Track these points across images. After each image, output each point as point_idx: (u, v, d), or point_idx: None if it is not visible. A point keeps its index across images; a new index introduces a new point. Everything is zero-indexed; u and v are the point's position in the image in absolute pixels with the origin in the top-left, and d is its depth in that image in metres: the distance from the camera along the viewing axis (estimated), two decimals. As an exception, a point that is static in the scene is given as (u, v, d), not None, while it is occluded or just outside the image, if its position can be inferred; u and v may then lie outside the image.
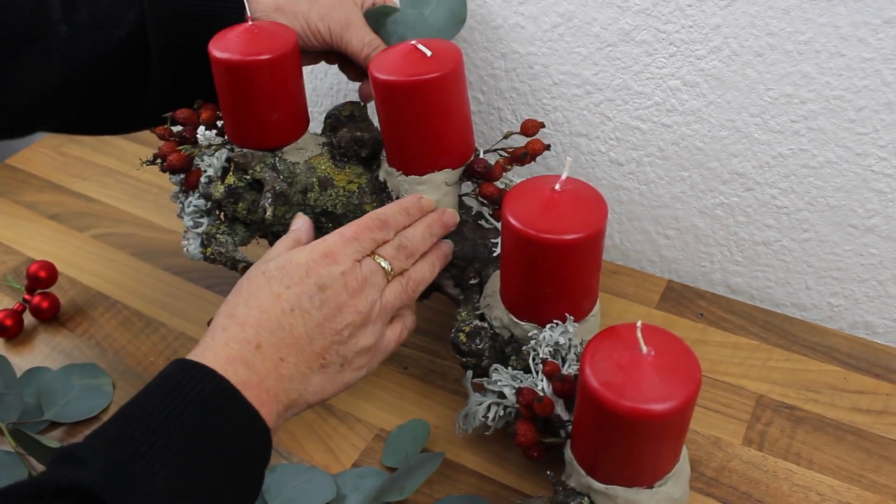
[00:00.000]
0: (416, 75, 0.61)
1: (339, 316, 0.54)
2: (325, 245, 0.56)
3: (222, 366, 0.50)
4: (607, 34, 0.72)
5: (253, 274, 0.56)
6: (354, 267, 0.56)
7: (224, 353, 0.51)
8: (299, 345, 0.53)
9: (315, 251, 0.56)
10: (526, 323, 0.60)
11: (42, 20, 0.65)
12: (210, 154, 0.69)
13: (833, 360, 0.73)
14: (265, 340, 0.52)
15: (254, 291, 0.54)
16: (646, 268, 0.86)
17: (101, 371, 0.75)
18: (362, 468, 0.67)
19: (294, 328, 0.53)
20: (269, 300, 0.54)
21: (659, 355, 0.49)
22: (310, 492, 0.64)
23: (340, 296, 0.55)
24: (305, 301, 0.54)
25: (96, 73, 0.68)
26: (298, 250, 0.56)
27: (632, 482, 0.52)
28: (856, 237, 0.72)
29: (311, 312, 0.54)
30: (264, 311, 0.53)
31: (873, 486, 0.63)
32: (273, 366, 0.52)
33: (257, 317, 0.53)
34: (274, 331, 0.53)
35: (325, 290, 0.54)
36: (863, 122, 0.66)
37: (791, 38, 0.65)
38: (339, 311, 0.54)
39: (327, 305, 0.54)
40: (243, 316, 0.53)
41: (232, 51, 0.64)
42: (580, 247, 0.55)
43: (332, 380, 0.55)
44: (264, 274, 0.55)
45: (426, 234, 0.62)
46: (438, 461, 0.63)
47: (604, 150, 0.79)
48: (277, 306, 0.53)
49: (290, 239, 0.61)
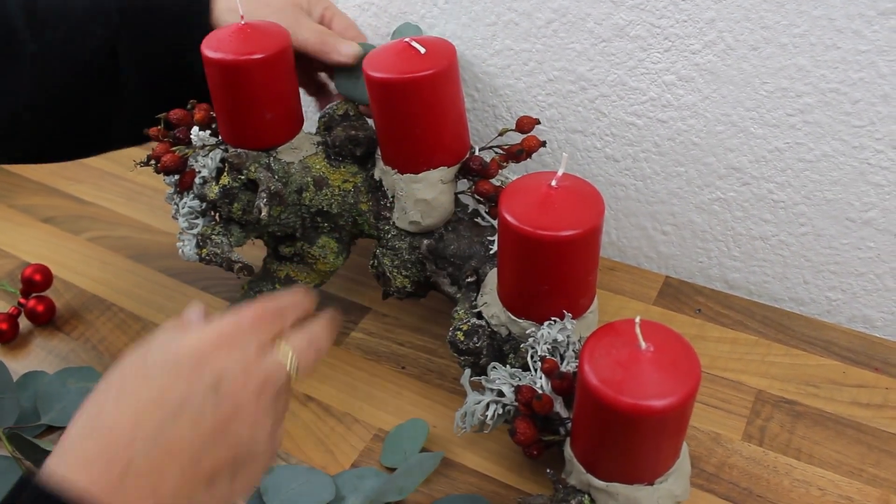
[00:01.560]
0: (409, 73, 0.60)
1: (239, 419, 0.42)
2: (220, 327, 0.45)
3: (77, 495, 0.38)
4: (601, 30, 0.72)
5: (129, 362, 0.43)
6: (258, 358, 0.45)
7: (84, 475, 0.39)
8: (184, 460, 0.40)
9: (209, 333, 0.44)
10: (524, 320, 0.60)
11: (8, 42, 0.64)
12: (204, 155, 0.68)
13: (832, 355, 0.73)
14: (138, 458, 0.39)
15: (129, 385, 0.42)
16: (643, 264, 0.85)
17: (98, 374, 0.74)
18: (361, 468, 0.66)
19: (179, 439, 0.40)
20: (147, 399, 0.41)
21: (658, 351, 0.49)
22: (308, 493, 0.64)
23: (240, 395, 0.42)
24: (197, 401, 0.41)
25: (67, 91, 0.66)
26: (186, 333, 0.45)
27: (632, 479, 0.52)
28: (853, 231, 0.72)
29: (203, 417, 0.41)
30: (140, 414, 0.40)
31: (874, 479, 0.63)
32: (148, 489, 0.39)
33: (130, 423, 0.40)
34: (152, 443, 0.40)
35: (223, 386, 0.42)
36: (859, 115, 0.66)
37: (786, 31, 0.64)
38: (236, 412, 0.42)
39: (224, 407, 0.42)
40: (112, 421, 0.40)
41: (225, 50, 0.64)
42: (577, 243, 0.54)
43: (222, 497, 0.43)
44: (143, 363, 0.43)
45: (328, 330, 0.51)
46: (437, 460, 0.63)
47: (599, 146, 0.79)
48: (159, 408, 0.41)
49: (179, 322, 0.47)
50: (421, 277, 0.70)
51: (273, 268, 0.75)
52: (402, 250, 0.69)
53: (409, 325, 0.78)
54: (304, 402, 0.71)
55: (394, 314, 0.79)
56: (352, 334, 0.78)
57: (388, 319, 0.79)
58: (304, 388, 0.72)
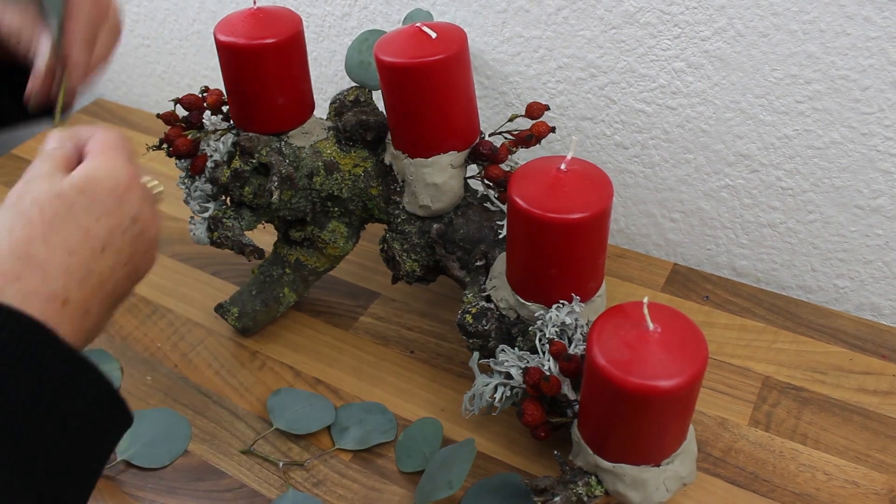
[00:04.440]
0: (420, 57, 0.61)
1: (145, 251, 0.46)
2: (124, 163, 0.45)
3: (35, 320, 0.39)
4: (611, 16, 0.72)
5: (43, 197, 0.43)
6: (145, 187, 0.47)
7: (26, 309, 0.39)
8: (106, 292, 0.43)
9: (119, 170, 0.45)
10: (532, 304, 0.60)
11: None
12: (216, 139, 0.69)
13: (839, 342, 0.73)
14: (73, 294, 0.41)
15: (53, 223, 0.42)
16: (651, 251, 0.86)
17: (109, 356, 0.75)
18: (369, 402, 0.69)
19: (103, 273, 0.43)
20: (76, 237, 0.42)
21: (666, 332, 0.49)
22: (311, 415, 0.68)
23: (149, 228, 0.46)
24: (118, 236, 0.44)
25: None
26: (96, 168, 0.44)
27: (639, 460, 0.53)
28: (861, 218, 0.72)
29: (122, 251, 0.44)
30: (72, 254, 0.41)
31: (880, 465, 0.63)
32: (78, 322, 0.41)
33: (63, 261, 0.41)
34: (83, 279, 0.42)
35: (137, 222, 0.45)
36: (868, 102, 0.66)
37: (796, 17, 0.65)
38: (147, 245, 0.46)
39: (139, 240, 0.45)
40: (44, 258, 0.41)
41: (237, 35, 0.64)
42: (586, 226, 0.55)
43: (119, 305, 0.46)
44: (61, 198, 0.42)
45: None
46: (471, 446, 0.61)
47: (609, 133, 0.79)
48: (87, 246, 0.42)
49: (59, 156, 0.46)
50: (430, 262, 0.70)
51: (283, 252, 0.75)
52: (412, 234, 0.69)
53: (418, 310, 0.79)
54: (314, 384, 0.72)
55: (403, 299, 0.80)
56: (361, 319, 0.78)
57: (397, 304, 0.80)
58: (313, 372, 0.73)
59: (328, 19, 0.90)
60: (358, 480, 0.64)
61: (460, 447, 0.62)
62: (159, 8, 1.05)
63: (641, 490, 0.53)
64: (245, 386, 0.72)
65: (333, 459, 0.66)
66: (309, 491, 0.63)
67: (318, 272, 0.76)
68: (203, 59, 1.05)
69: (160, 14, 1.05)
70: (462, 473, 0.59)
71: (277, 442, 0.67)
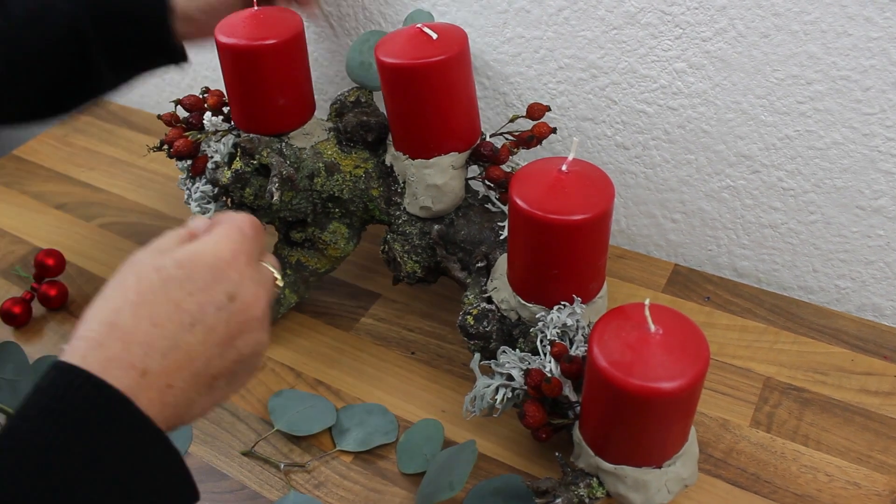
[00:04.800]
0: (421, 58, 0.61)
1: (246, 332, 0.45)
2: (231, 242, 0.45)
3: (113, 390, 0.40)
4: (612, 17, 0.72)
5: (144, 269, 0.44)
6: (259, 268, 0.46)
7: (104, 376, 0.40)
8: (193, 369, 0.42)
9: (222, 248, 0.45)
10: (533, 305, 0.60)
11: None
12: (217, 140, 0.69)
13: (840, 343, 0.73)
14: (154, 365, 0.41)
15: (145, 295, 0.42)
16: (652, 252, 0.86)
17: (110, 358, 0.75)
18: (370, 404, 0.69)
19: (192, 349, 0.42)
20: (164, 310, 0.42)
21: (667, 334, 0.49)
22: (312, 417, 0.68)
23: (250, 308, 0.44)
24: (211, 314, 0.43)
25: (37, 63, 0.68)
26: (201, 244, 0.45)
27: (641, 462, 0.52)
28: (863, 219, 0.72)
29: (215, 329, 0.43)
30: (157, 326, 0.41)
31: (882, 466, 0.63)
32: (158, 395, 0.41)
33: (147, 332, 0.41)
34: (166, 352, 0.41)
35: (235, 301, 0.44)
36: (869, 103, 0.66)
37: (797, 18, 0.64)
38: (245, 326, 0.44)
39: (235, 319, 0.44)
40: (129, 328, 0.41)
41: (238, 36, 0.64)
42: (587, 227, 0.55)
43: (215, 398, 0.45)
44: (159, 272, 0.43)
45: None
46: (473, 448, 0.61)
47: (610, 133, 0.79)
48: (175, 319, 0.42)
49: (184, 231, 0.48)
50: (431, 263, 0.70)
51: (284, 253, 0.75)
52: (413, 236, 0.69)
53: (419, 311, 0.79)
54: (315, 385, 0.72)
55: (403, 300, 0.80)
56: (362, 320, 0.78)
57: (398, 305, 0.79)
58: (314, 373, 0.73)
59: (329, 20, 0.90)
60: (359, 482, 0.64)
61: (461, 449, 0.62)
62: (160, 9, 1.04)
63: (643, 492, 0.53)
64: (246, 387, 0.72)
65: (334, 461, 0.66)
66: (310, 492, 0.63)
67: (319, 273, 0.76)
68: (204, 59, 1.04)
69: (161, 15, 1.05)
70: (463, 475, 0.59)
71: (278, 443, 0.67)
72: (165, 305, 0.42)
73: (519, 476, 0.62)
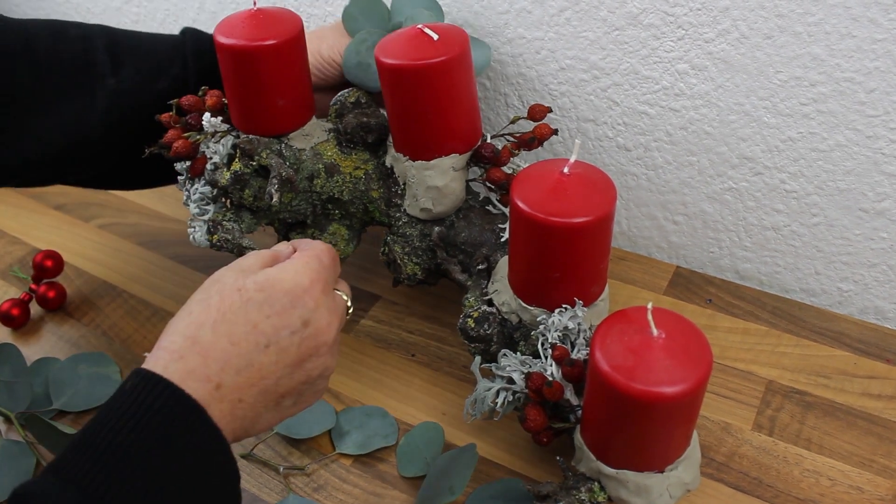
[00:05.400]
0: (422, 59, 0.60)
1: (315, 356, 0.49)
2: (310, 271, 0.49)
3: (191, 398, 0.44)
4: (614, 18, 0.72)
5: (226, 288, 0.48)
6: (332, 297, 0.50)
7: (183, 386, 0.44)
8: (264, 386, 0.47)
9: (302, 276, 0.49)
10: (534, 308, 0.60)
11: (89, 74, 0.68)
12: (216, 141, 0.68)
13: (843, 346, 0.73)
14: (228, 380, 0.45)
15: (225, 314, 0.46)
16: (654, 254, 0.85)
17: (109, 360, 0.74)
18: (370, 406, 0.69)
19: (264, 368, 0.46)
20: (242, 329, 0.46)
21: (670, 338, 0.49)
22: (311, 420, 0.67)
23: (321, 334, 0.49)
24: (285, 337, 0.47)
25: (136, 124, 0.69)
26: (282, 269, 0.49)
27: (643, 466, 0.52)
28: (866, 221, 0.71)
29: (288, 351, 0.47)
30: (235, 344, 0.46)
31: (885, 470, 0.63)
32: (229, 408, 0.45)
33: (225, 349, 0.45)
34: (241, 370, 0.45)
35: (309, 326, 0.48)
36: (873, 105, 0.65)
37: (801, 19, 0.64)
38: (315, 350, 0.49)
39: (307, 344, 0.48)
40: (208, 344, 0.45)
41: (237, 36, 0.63)
42: (589, 230, 0.54)
43: (280, 415, 0.50)
44: (240, 293, 0.47)
45: None
46: (473, 451, 0.61)
47: (611, 135, 0.79)
48: (251, 339, 0.46)
49: (268, 254, 0.52)
50: (432, 265, 0.70)
51: (283, 255, 0.75)
52: (413, 237, 0.69)
53: (419, 314, 0.78)
54: (314, 388, 0.71)
55: (404, 302, 0.79)
56: (362, 322, 0.78)
57: (398, 307, 0.79)
58: (313, 375, 0.72)
59: (329, 20, 0.90)
60: (359, 485, 0.64)
61: (462, 452, 0.62)
62: (159, 9, 1.04)
63: (645, 497, 0.53)
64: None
65: (334, 464, 0.65)
66: (309, 496, 0.63)
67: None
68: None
69: (160, 15, 1.05)
70: (464, 479, 0.59)
71: (277, 446, 0.67)
72: (244, 325, 0.46)
73: (520, 480, 0.62)
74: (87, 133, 0.68)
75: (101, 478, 0.40)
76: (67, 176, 0.73)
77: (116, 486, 0.40)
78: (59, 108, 0.67)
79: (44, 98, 0.66)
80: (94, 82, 0.68)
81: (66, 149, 0.68)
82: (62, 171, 0.71)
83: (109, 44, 0.69)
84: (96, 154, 0.70)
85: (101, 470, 0.40)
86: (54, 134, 0.67)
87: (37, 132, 0.66)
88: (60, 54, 0.67)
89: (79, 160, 0.70)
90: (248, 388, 0.46)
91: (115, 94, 0.68)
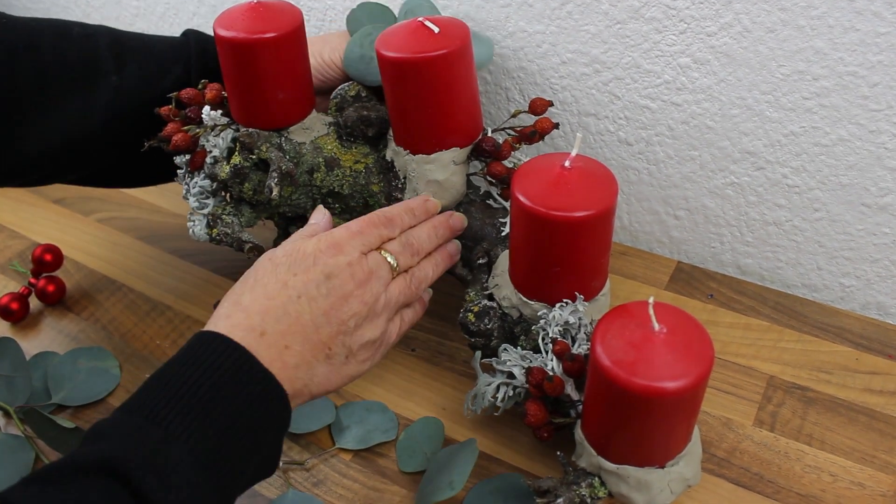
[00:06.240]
0: (423, 52, 0.60)
1: (346, 305, 0.54)
2: (331, 237, 0.56)
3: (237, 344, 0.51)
4: (616, 11, 0.71)
5: (261, 262, 0.56)
6: (361, 259, 0.56)
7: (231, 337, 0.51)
8: (305, 333, 0.53)
9: (322, 241, 0.56)
10: (535, 302, 0.59)
11: (93, 73, 0.68)
12: (215, 134, 0.68)
13: (845, 341, 0.72)
14: (270, 328, 0.52)
15: (260, 278, 0.54)
16: (655, 249, 0.85)
17: (108, 354, 0.74)
18: (369, 401, 0.69)
19: (300, 315, 0.53)
20: (275, 287, 0.53)
21: (671, 333, 0.48)
22: (311, 414, 0.68)
23: (347, 285, 0.55)
24: (312, 288, 0.54)
25: (138, 123, 0.70)
26: (305, 240, 0.57)
27: (643, 462, 0.52)
28: (868, 216, 0.71)
29: (317, 300, 0.53)
30: (270, 299, 0.53)
31: (886, 466, 0.62)
32: (277, 353, 0.51)
33: (263, 304, 0.53)
34: (279, 318, 0.52)
35: (332, 279, 0.54)
36: (876, 99, 0.65)
37: (804, 13, 0.64)
38: (345, 300, 0.54)
39: (334, 294, 0.54)
40: (248, 302, 0.53)
41: (237, 29, 0.63)
42: (590, 224, 0.54)
43: (336, 371, 0.55)
44: (271, 261, 0.55)
45: (432, 235, 0.62)
46: (473, 446, 0.61)
47: (612, 129, 0.79)
48: (284, 293, 0.53)
49: (306, 231, 0.60)
50: (432, 259, 0.69)
51: (283, 249, 0.74)
52: (414, 232, 0.69)
53: (420, 308, 0.78)
54: (314, 383, 0.71)
55: (404, 297, 0.79)
56: (362, 317, 0.77)
57: (399, 302, 0.79)
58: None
59: (329, 13, 0.89)
60: (358, 480, 0.64)
61: (462, 447, 0.61)
62: (159, 2, 1.04)
63: (645, 492, 0.52)
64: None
65: (334, 459, 0.65)
66: (309, 491, 0.63)
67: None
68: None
69: (160, 8, 1.04)
70: (464, 474, 0.59)
71: (277, 441, 0.66)
72: (275, 284, 0.53)
73: (520, 475, 0.61)
74: (89, 131, 0.68)
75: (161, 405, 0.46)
76: (68, 174, 0.73)
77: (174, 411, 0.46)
78: (62, 106, 0.67)
79: (47, 96, 0.66)
80: (96, 81, 0.68)
81: (67, 147, 0.68)
82: (63, 169, 0.71)
83: (113, 43, 0.69)
84: (97, 152, 0.70)
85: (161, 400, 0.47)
86: (57, 132, 0.67)
87: (39, 130, 0.67)
88: (64, 53, 0.67)
89: (80, 158, 0.70)
90: (291, 334, 0.52)
91: (118, 93, 0.69)
